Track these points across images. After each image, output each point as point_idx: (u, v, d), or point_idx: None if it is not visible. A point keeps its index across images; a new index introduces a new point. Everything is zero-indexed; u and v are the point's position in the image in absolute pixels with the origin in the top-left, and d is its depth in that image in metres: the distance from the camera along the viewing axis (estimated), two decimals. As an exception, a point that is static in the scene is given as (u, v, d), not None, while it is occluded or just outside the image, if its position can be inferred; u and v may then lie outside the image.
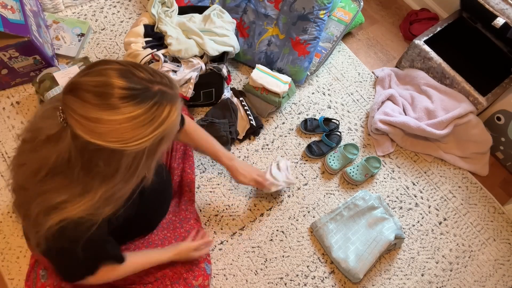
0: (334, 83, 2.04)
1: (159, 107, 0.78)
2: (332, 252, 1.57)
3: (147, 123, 0.76)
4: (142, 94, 0.76)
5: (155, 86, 0.78)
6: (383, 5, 2.41)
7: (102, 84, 0.74)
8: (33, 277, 1.35)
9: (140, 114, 0.75)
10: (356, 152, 1.83)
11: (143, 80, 0.77)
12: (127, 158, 0.79)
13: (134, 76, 0.77)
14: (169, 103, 0.80)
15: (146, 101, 0.76)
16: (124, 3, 2.10)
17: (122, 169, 0.80)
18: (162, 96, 0.78)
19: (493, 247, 1.74)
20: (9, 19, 1.52)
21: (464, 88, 1.91)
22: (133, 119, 0.75)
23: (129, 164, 0.81)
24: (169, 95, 0.80)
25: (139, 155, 0.80)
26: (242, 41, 1.92)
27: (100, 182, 0.82)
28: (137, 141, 0.76)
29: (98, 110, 0.73)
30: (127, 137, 0.75)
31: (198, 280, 1.31)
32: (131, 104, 0.74)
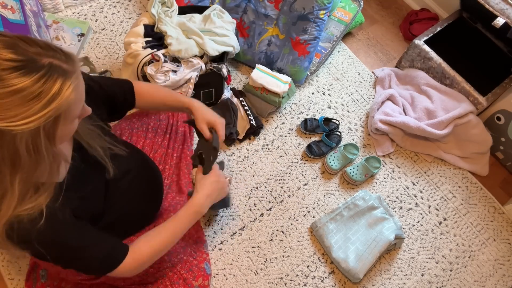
0: (334, 83, 2.04)
1: (47, 80, 0.70)
2: (332, 252, 1.57)
3: (33, 97, 0.69)
4: (28, 66, 0.69)
5: (44, 59, 0.71)
6: (383, 5, 2.41)
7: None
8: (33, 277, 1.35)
9: (25, 87, 0.68)
10: (356, 152, 1.83)
11: (30, 52, 0.70)
12: (22, 141, 0.71)
13: (20, 47, 0.70)
14: (61, 77, 0.72)
15: (31, 72, 0.69)
16: (124, 3, 2.10)
17: (23, 153, 0.73)
18: (51, 68, 0.71)
19: (493, 247, 1.74)
20: (9, 19, 1.52)
21: (464, 88, 1.91)
22: (17, 93, 0.67)
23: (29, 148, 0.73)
24: (62, 69, 0.73)
25: (35, 137, 0.73)
26: (242, 41, 1.92)
27: (10, 173, 0.75)
28: (25, 119, 0.69)
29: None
30: (11, 114, 0.68)
31: (198, 281, 1.31)
32: (14, 75, 0.67)
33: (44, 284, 1.32)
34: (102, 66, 1.89)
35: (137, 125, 1.49)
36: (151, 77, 1.56)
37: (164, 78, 1.56)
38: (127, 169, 1.15)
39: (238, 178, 1.72)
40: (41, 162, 0.77)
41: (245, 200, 1.68)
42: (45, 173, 0.81)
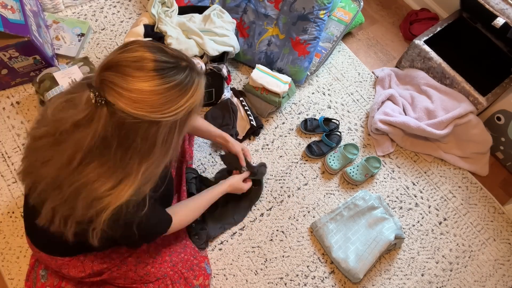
0: (334, 83, 2.04)
1: (190, 79, 0.85)
2: (332, 252, 1.57)
3: (181, 94, 0.83)
4: (176, 67, 0.83)
5: (183, 62, 0.86)
6: (383, 5, 2.41)
7: (139, 58, 0.81)
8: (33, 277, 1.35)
9: (176, 84, 0.82)
10: (356, 152, 1.83)
11: (173, 56, 0.85)
12: (163, 130, 0.84)
13: (165, 52, 0.85)
14: (197, 77, 0.88)
15: (179, 73, 0.83)
16: (124, 3, 2.10)
17: (158, 143, 0.86)
18: (191, 70, 0.87)
19: (493, 247, 1.74)
20: (9, 19, 1.52)
21: (464, 88, 1.91)
22: (170, 89, 0.81)
23: (165, 137, 0.86)
24: (196, 71, 0.89)
25: (173, 127, 0.86)
26: (242, 41, 1.92)
27: (139, 161, 0.87)
28: (173, 111, 0.83)
29: (139, 82, 0.79)
30: (164, 107, 0.81)
31: (198, 280, 1.31)
32: (168, 75, 0.81)
33: (44, 284, 1.32)
34: (102, 66, 1.89)
35: None
36: (151, 77, 1.56)
37: (164, 78, 1.55)
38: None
39: (238, 178, 1.72)
40: (168, 152, 0.91)
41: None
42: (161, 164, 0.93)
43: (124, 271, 1.24)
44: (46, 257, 1.18)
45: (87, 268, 1.20)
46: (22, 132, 1.68)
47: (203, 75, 0.92)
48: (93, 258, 1.19)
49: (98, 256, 1.19)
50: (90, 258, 1.19)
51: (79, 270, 1.19)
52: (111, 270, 1.23)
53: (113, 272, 1.23)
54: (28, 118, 1.71)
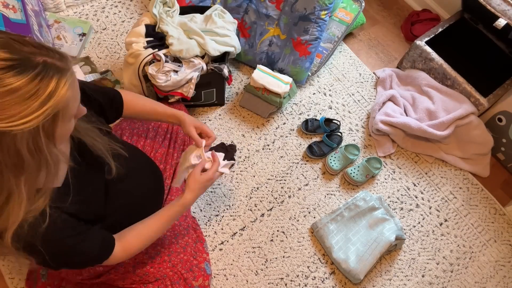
0: (335, 83, 2.04)
1: (43, 78, 0.70)
2: (333, 252, 1.57)
3: (30, 96, 0.69)
4: (22, 65, 0.69)
5: (38, 57, 0.71)
6: (385, 6, 2.41)
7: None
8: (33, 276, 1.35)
9: (21, 85, 0.68)
10: (357, 152, 1.83)
11: (23, 52, 0.71)
12: (22, 142, 0.71)
13: (12, 47, 0.70)
14: (57, 75, 0.73)
15: (27, 71, 0.69)
16: (126, 3, 2.10)
17: (25, 155, 0.73)
18: (46, 67, 0.72)
19: (494, 249, 1.74)
20: (10, 18, 1.52)
21: (465, 89, 1.90)
22: (14, 92, 0.67)
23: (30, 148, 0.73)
24: (57, 67, 0.73)
25: (35, 136, 0.72)
26: (243, 41, 1.92)
27: (14, 176, 0.75)
28: (24, 118, 0.69)
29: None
30: (10, 114, 0.68)
31: (198, 281, 1.31)
32: (10, 75, 0.67)
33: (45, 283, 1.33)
34: (103, 66, 1.90)
35: (137, 124, 1.49)
36: (152, 77, 1.56)
37: (165, 78, 1.56)
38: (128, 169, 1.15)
39: (239, 178, 1.72)
40: (44, 162, 0.77)
41: (246, 200, 1.67)
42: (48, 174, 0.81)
43: (122, 273, 1.23)
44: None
45: (84, 272, 1.20)
46: (23, 132, 1.68)
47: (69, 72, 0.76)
48: None
49: None
50: None
51: (76, 273, 1.19)
52: (109, 272, 1.23)
53: (111, 274, 1.23)
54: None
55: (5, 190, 0.76)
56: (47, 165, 0.79)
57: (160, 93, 1.62)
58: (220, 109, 1.87)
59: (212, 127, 1.82)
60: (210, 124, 1.83)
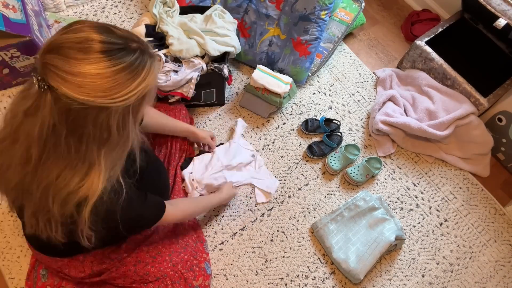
0: (335, 83, 2.04)
1: (140, 63, 0.78)
2: (333, 252, 1.57)
3: (131, 77, 0.76)
4: (124, 49, 0.76)
5: (133, 43, 0.79)
6: (385, 6, 2.41)
7: (84, 39, 0.74)
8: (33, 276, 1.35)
9: (124, 67, 0.75)
10: (357, 152, 1.83)
11: (122, 37, 0.78)
12: (115, 116, 0.78)
13: (113, 32, 0.78)
14: (149, 60, 0.81)
15: (128, 55, 0.76)
16: (126, 3, 2.10)
17: (113, 129, 0.80)
18: (142, 52, 0.79)
19: (494, 249, 1.74)
20: (10, 18, 1.52)
21: (465, 89, 1.90)
22: (118, 73, 0.75)
23: (119, 123, 0.80)
24: (148, 53, 0.81)
25: (126, 113, 0.79)
26: (243, 41, 1.92)
27: (97, 149, 0.81)
28: (123, 96, 0.76)
29: (83, 64, 0.72)
30: (113, 92, 0.75)
31: (198, 280, 1.31)
32: (115, 57, 0.75)
33: (45, 283, 1.33)
34: (103, 65, 1.89)
35: None
36: (152, 77, 1.56)
37: (165, 78, 1.56)
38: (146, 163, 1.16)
39: (239, 178, 1.72)
40: (125, 138, 0.85)
41: (246, 200, 1.67)
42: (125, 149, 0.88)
43: (123, 271, 1.24)
44: (46, 258, 1.18)
45: (86, 269, 1.20)
46: (23, 132, 1.68)
47: (156, 58, 0.85)
48: (92, 259, 1.19)
49: (97, 257, 1.19)
50: (89, 258, 1.19)
51: (79, 271, 1.20)
52: (110, 271, 1.23)
53: (112, 272, 1.23)
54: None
55: (87, 161, 0.82)
56: (126, 141, 0.86)
57: (160, 93, 1.62)
58: (220, 109, 1.87)
59: (212, 127, 1.82)
60: (210, 124, 1.83)
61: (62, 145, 0.79)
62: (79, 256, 1.18)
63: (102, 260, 1.20)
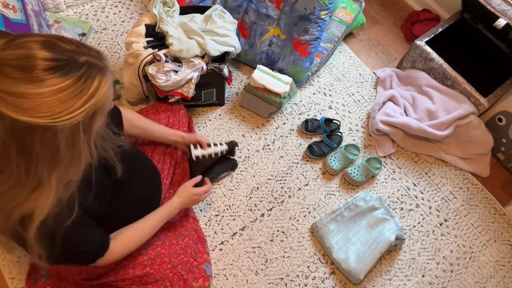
0: (335, 83, 2.04)
1: (87, 78, 0.74)
2: (333, 252, 1.57)
3: (76, 95, 0.73)
4: (68, 65, 0.73)
5: (81, 57, 0.75)
6: (385, 6, 2.41)
7: (24, 56, 0.70)
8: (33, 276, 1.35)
9: (67, 85, 0.72)
10: (357, 152, 1.83)
11: (68, 51, 0.74)
12: (62, 136, 0.74)
13: (58, 47, 0.74)
14: (99, 74, 0.77)
15: (72, 71, 0.72)
16: (126, 3, 2.10)
17: (62, 148, 0.76)
18: (90, 67, 0.75)
19: (494, 249, 1.74)
20: (10, 18, 1.52)
21: (465, 89, 1.90)
22: (61, 91, 0.71)
23: (68, 143, 0.76)
24: (98, 66, 0.77)
25: (74, 131, 0.76)
26: (243, 41, 1.92)
27: (48, 169, 0.78)
28: (68, 115, 0.72)
29: (22, 84, 0.69)
30: (56, 111, 0.71)
31: (198, 282, 1.30)
32: (57, 75, 0.71)
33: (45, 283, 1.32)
34: (103, 65, 1.89)
35: None
36: (152, 77, 1.56)
37: (165, 78, 1.56)
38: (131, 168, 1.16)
39: (239, 178, 1.72)
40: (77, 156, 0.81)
41: (246, 200, 1.67)
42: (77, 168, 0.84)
43: (121, 275, 1.23)
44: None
45: (83, 273, 1.20)
46: (23, 132, 1.68)
47: (108, 71, 0.80)
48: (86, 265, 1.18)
49: None
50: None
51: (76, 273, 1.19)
52: (108, 274, 1.23)
53: (111, 276, 1.23)
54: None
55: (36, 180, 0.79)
56: (78, 159, 0.82)
57: (160, 93, 1.62)
58: (220, 109, 1.87)
59: (212, 127, 1.82)
60: (210, 124, 1.83)
61: (13, 163, 0.76)
62: None
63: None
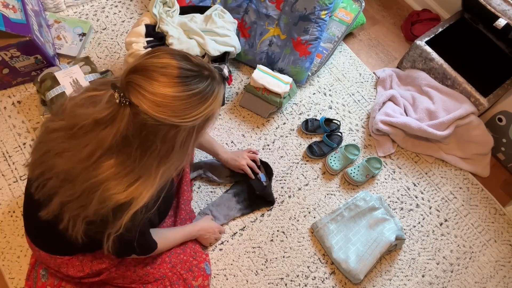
0: (335, 83, 2.04)
1: (211, 88, 0.89)
2: (333, 252, 1.57)
3: (201, 101, 0.87)
4: (199, 76, 0.87)
5: (205, 71, 0.89)
6: (385, 6, 2.41)
7: (166, 65, 0.84)
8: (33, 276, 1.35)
9: (197, 92, 0.85)
10: (357, 152, 1.83)
11: (198, 65, 0.89)
12: (181, 134, 0.87)
13: (190, 60, 0.88)
14: (218, 85, 0.91)
15: (202, 81, 0.87)
16: (126, 3, 2.10)
17: (176, 147, 0.89)
18: (212, 79, 0.90)
19: (494, 249, 1.74)
20: (10, 18, 1.52)
21: (465, 89, 1.90)
22: (192, 97, 0.85)
23: (183, 141, 0.89)
24: (217, 80, 0.92)
25: (190, 132, 0.90)
26: (244, 41, 1.92)
27: (157, 164, 0.90)
28: (192, 117, 0.86)
29: (164, 87, 0.82)
30: (185, 112, 0.84)
31: (198, 281, 1.31)
32: (191, 83, 0.85)
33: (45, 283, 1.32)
34: (103, 66, 1.89)
35: None
36: (152, 77, 1.56)
37: (165, 78, 1.56)
38: None
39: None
40: (183, 156, 0.94)
41: (246, 200, 1.67)
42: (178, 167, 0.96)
43: (122, 271, 1.24)
44: (45, 256, 1.17)
45: (86, 268, 1.20)
46: (23, 132, 1.68)
47: (223, 84, 0.95)
48: (92, 258, 1.19)
49: (97, 256, 1.19)
50: (89, 258, 1.19)
51: (77, 270, 1.20)
52: (110, 271, 1.23)
53: (112, 272, 1.23)
54: (29, 118, 1.71)
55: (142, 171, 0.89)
56: (182, 159, 0.95)
57: (160, 93, 1.61)
58: (220, 109, 1.87)
59: (212, 127, 1.82)
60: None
61: (128, 154, 0.87)
62: (79, 255, 1.18)
63: (102, 259, 1.20)
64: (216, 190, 1.67)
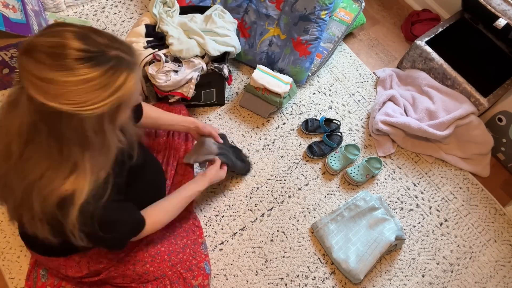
0: (335, 83, 2.04)
1: (115, 72, 0.77)
2: (333, 252, 1.57)
3: (102, 87, 0.75)
4: (98, 57, 0.75)
5: (112, 51, 0.78)
6: (385, 6, 2.41)
7: (57, 44, 0.73)
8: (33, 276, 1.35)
9: (95, 77, 0.74)
10: (357, 152, 1.83)
11: (100, 44, 0.77)
12: (88, 123, 0.77)
13: (91, 39, 0.76)
14: (126, 70, 0.79)
15: (101, 64, 0.75)
16: (126, 3, 2.10)
17: (90, 134, 0.79)
18: (119, 61, 0.78)
19: (494, 249, 1.74)
20: (10, 18, 1.52)
21: (465, 89, 1.90)
22: (88, 82, 0.73)
23: (95, 130, 0.79)
24: (127, 62, 0.80)
25: (100, 121, 0.79)
26: (244, 41, 1.92)
27: (80, 151, 0.81)
28: (92, 105, 0.75)
29: (52, 71, 0.72)
30: (81, 100, 0.74)
31: (197, 280, 1.31)
32: (86, 66, 0.73)
33: (45, 283, 1.33)
34: (103, 65, 1.89)
35: None
36: (152, 77, 1.56)
37: (165, 78, 1.56)
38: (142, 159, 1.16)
39: (239, 178, 1.72)
40: (106, 142, 0.84)
41: (246, 200, 1.67)
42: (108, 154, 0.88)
43: (122, 271, 1.24)
44: (43, 258, 1.17)
45: (83, 268, 1.20)
46: (23, 132, 1.68)
47: (137, 67, 0.83)
48: (89, 259, 1.19)
49: (94, 257, 1.19)
50: (86, 259, 1.19)
51: (75, 270, 1.20)
52: (109, 270, 1.23)
53: (111, 271, 1.23)
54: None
55: (70, 162, 0.82)
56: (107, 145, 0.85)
57: (160, 93, 1.62)
58: (220, 109, 1.87)
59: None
60: (210, 124, 1.82)
61: (44, 144, 0.80)
62: (75, 257, 1.17)
63: (99, 260, 1.20)
64: (216, 190, 1.67)
